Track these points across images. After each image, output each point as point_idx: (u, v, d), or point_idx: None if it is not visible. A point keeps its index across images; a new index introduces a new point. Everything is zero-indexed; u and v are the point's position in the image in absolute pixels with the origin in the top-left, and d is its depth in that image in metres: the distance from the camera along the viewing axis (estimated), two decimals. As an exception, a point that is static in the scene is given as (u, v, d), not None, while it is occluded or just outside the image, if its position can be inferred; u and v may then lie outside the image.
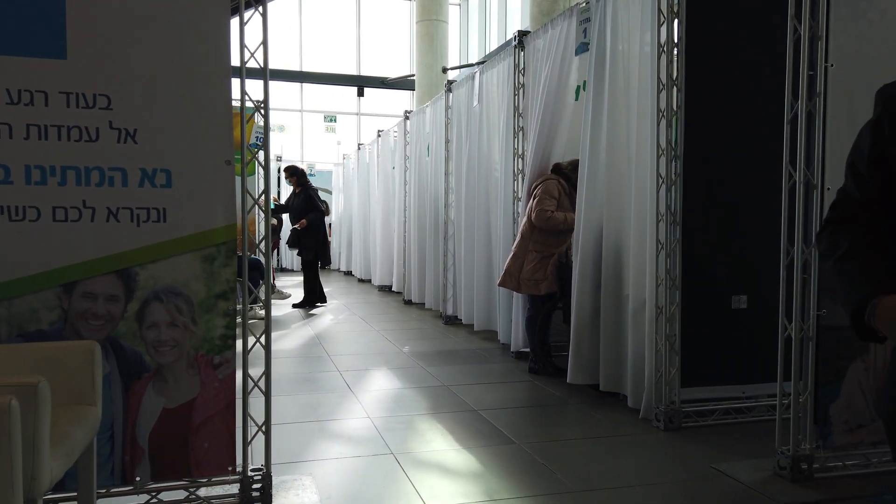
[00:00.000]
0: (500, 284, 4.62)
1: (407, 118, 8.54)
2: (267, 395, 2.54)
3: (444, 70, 15.19)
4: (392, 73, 17.23)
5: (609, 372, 3.81)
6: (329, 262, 8.87)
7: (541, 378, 4.45)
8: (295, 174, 8.14)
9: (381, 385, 4.29)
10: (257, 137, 7.86)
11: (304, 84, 17.00)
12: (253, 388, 2.50)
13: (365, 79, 17.31)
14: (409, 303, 8.37)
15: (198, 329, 2.34)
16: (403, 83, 17.00)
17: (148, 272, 2.27)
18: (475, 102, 6.07)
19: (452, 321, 6.75)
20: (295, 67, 16.81)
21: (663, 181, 3.40)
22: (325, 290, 9.82)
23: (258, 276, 7.17)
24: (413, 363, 4.89)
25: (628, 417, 3.57)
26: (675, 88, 3.37)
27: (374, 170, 10.71)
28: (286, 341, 5.83)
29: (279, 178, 14.17)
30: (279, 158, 14.25)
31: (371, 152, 10.98)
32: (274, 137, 16.71)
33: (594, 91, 3.91)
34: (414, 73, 15.62)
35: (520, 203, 5.09)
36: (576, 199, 4.48)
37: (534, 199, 4.45)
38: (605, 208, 3.86)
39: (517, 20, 14.79)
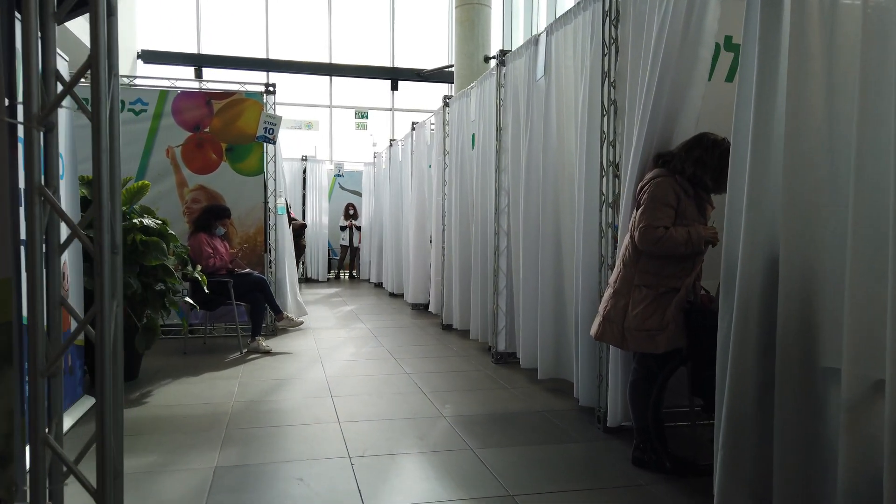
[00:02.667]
0: (597, 338, 3.07)
1: (447, 105, 7.07)
2: None
3: (487, 59, 13.66)
4: (428, 65, 15.78)
5: (797, 497, 2.25)
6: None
7: (655, 479, 2.90)
8: None
9: (410, 491, 2.80)
10: (266, 129, 6.48)
11: (333, 77, 15.67)
12: None
13: (399, 71, 15.89)
14: (448, 328, 6.88)
15: None
16: (441, 75, 15.53)
17: None
18: (540, 75, 4.55)
19: (506, 360, 5.24)
20: (324, 59, 15.50)
21: (930, 173, 1.83)
22: (348, 308, 8.40)
23: (261, 298, 5.78)
24: (457, 440, 3.40)
25: (846, 592, 2.01)
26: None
27: (406, 168, 9.27)
28: (285, 392, 4.38)
29: (304, 180, 12.87)
30: (305, 158, 12.96)
31: (404, 148, 9.54)
32: (303, 135, 15.46)
33: (761, 36, 2.36)
34: (452, 63, 14.16)
35: (611, 211, 3.55)
36: (706, 202, 2.96)
37: (638, 209, 2.91)
38: (785, 218, 2.30)
39: (569, 1, 13.18)
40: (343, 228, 12.82)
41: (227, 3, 15.24)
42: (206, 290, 5.17)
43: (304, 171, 12.88)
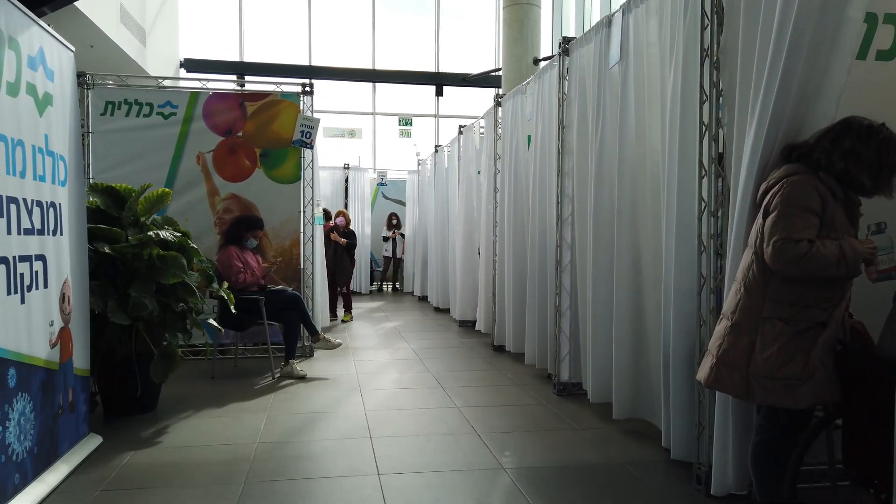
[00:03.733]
0: (708, 385, 2.37)
1: (499, 104, 6.44)
2: None
3: (536, 61, 13.00)
4: (475, 69, 15.21)
5: None
6: None
7: (791, 573, 2.19)
8: None
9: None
10: (303, 132, 5.97)
11: (376, 84, 15.24)
12: None
13: (444, 76, 15.36)
14: (500, 350, 6.23)
15: None
16: (487, 79, 14.93)
17: None
18: (614, 61, 3.89)
19: (570, 391, 4.55)
20: (367, 65, 15.09)
21: None
22: (391, 324, 7.78)
23: (296, 317, 5.24)
24: None
25: None
26: None
27: (453, 175, 8.68)
28: (318, 430, 3.80)
29: (346, 189, 12.42)
30: (347, 167, 12.50)
31: (451, 154, 8.96)
32: (345, 143, 15.06)
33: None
34: (500, 66, 13.56)
35: (714, 219, 2.87)
36: (857, 208, 2.26)
37: (767, 217, 2.21)
38: None
39: (624, -2, 12.43)
40: (386, 239, 12.29)
41: (270, 10, 15.01)
42: (233, 310, 4.64)
43: (347, 180, 12.44)
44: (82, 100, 5.64)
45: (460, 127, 8.24)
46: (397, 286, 12.95)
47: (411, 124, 15.37)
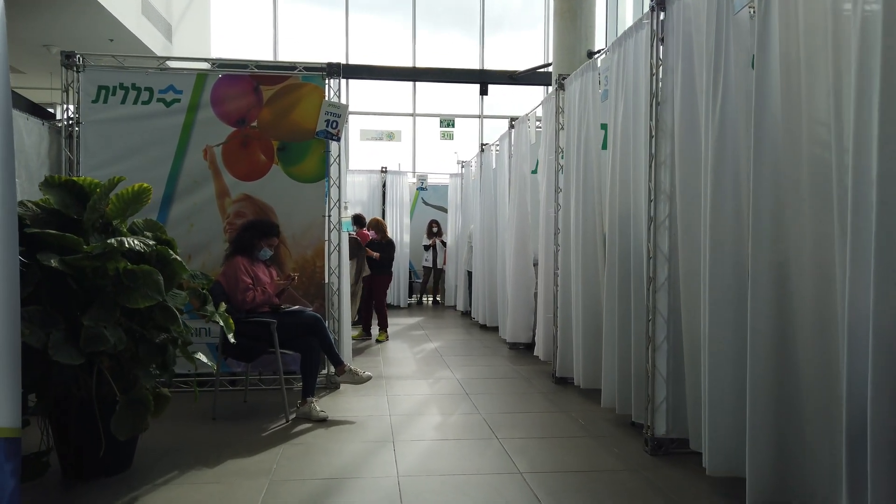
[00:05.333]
0: None
1: (562, 87, 5.37)
2: None
3: (590, 54, 11.88)
4: (522, 65, 14.16)
5: None
6: None
7: None
8: None
9: None
10: (328, 122, 5.01)
11: (417, 83, 14.32)
12: None
13: (488, 73, 14.33)
14: (563, 382, 5.15)
15: None
16: (535, 77, 13.86)
17: None
18: (742, 4, 2.80)
19: (667, 449, 3.45)
20: (407, 63, 14.18)
21: None
22: (431, 345, 6.70)
23: (315, 345, 4.26)
24: None
25: None
26: None
27: (502, 176, 7.63)
28: (338, 509, 2.79)
29: (384, 194, 11.49)
30: (384, 170, 11.57)
31: (499, 153, 7.93)
32: (384, 146, 14.17)
33: None
34: (549, 61, 12.48)
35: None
36: None
37: None
38: None
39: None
40: (427, 248, 11.29)
41: (306, 10, 14.29)
42: (232, 339, 3.68)
43: (384, 185, 11.52)
44: (72, 84, 4.81)
45: (511, 120, 7.20)
46: (438, 299, 11.93)
47: (453, 125, 14.36)
